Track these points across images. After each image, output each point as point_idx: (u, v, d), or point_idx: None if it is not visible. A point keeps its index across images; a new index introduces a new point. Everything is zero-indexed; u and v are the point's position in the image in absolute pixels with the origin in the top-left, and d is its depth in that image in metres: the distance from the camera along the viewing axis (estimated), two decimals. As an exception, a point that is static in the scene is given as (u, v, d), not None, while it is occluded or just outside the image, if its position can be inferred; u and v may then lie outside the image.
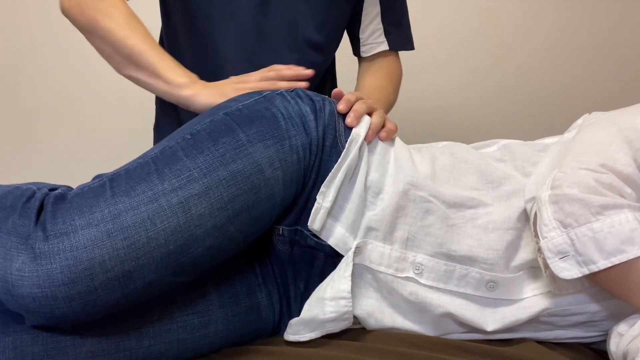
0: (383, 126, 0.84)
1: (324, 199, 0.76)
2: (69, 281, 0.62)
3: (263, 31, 1.04)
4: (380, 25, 1.15)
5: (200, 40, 1.05)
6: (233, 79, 0.92)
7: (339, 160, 0.77)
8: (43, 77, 1.74)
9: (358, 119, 0.81)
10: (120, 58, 0.92)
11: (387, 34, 1.15)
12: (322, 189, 0.76)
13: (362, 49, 1.17)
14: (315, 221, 0.75)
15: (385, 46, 1.15)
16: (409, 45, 1.20)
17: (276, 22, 1.05)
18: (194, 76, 0.91)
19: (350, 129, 0.80)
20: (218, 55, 1.05)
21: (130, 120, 1.74)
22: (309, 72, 0.92)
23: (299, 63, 1.03)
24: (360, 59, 1.20)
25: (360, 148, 0.79)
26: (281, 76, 0.91)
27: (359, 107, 0.83)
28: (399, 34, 1.17)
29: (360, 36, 1.16)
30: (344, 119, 0.81)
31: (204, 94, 0.87)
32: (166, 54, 0.92)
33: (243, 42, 1.04)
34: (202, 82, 0.90)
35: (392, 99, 1.14)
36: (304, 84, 0.90)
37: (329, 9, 1.08)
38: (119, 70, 0.95)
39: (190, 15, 1.05)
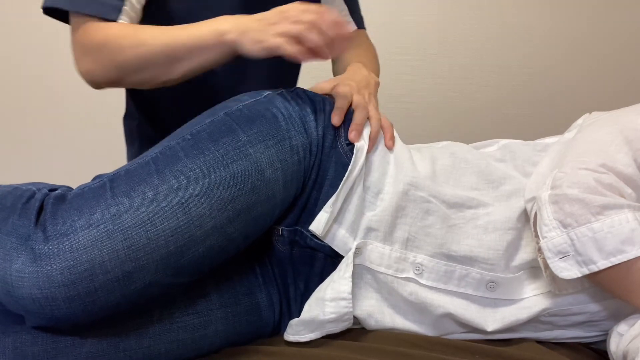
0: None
1: (333, 208, 0.76)
2: (69, 282, 0.62)
3: None
4: (345, 6, 1.12)
5: None
6: (272, 15, 0.76)
7: (347, 172, 0.76)
8: (43, 77, 1.74)
9: (360, 133, 0.79)
10: (161, 68, 0.81)
11: (352, 12, 1.12)
12: (332, 198, 0.75)
13: None
14: (321, 229, 0.75)
15: (354, 26, 1.12)
16: (363, 23, 1.17)
17: None
18: (220, 19, 0.78)
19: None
20: None
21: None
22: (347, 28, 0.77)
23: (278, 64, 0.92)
24: None
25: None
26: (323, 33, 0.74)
27: (359, 119, 0.80)
28: (358, 13, 1.15)
29: None
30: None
31: (244, 42, 0.75)
32: (181, 27, 0.80)
33: None
34: (237, 20, 0.77)
35: (377, 71, 1.09)
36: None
37: None
38: (170, 80, 0.83)
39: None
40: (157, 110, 1.08)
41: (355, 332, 0.79)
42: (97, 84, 0.84)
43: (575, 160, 0.74)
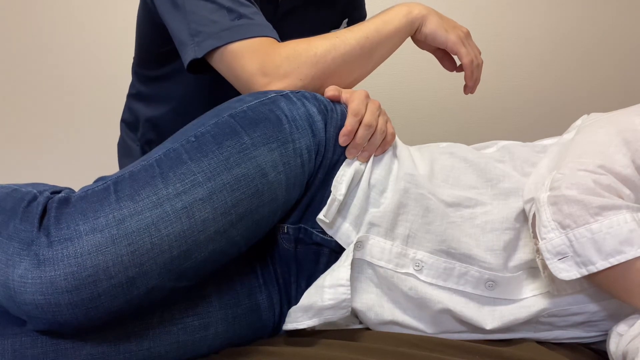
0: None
1: (337, 191, 0.76)
2: (72, 288, 0.61)
3: None
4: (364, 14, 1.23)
5: None
6: (462, 30, 0.93)
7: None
8: (43, 77, 1.73)
9: (358, 151, 0.79)
10: (361, 61, 0.86)
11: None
12: (334, 182, 0.77)
13: None
14: (329, 212, 0.75)
15: None
16: None
17: None
18: (400, 5, 0.91)
19: None
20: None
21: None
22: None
23: None
24: None
25: None
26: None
27: (360, 138, 0.79)
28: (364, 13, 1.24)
29: None
30: None
31: (432, 19, 0.89)
32: (361, 24, 0.89)
33: None
34: (420, 5, 0.90)
35: None
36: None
37: None
38: (363, 76, 0.90)
39: None
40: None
41: (356, 332, 0.79)
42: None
43: (574, 161, 0.74)
